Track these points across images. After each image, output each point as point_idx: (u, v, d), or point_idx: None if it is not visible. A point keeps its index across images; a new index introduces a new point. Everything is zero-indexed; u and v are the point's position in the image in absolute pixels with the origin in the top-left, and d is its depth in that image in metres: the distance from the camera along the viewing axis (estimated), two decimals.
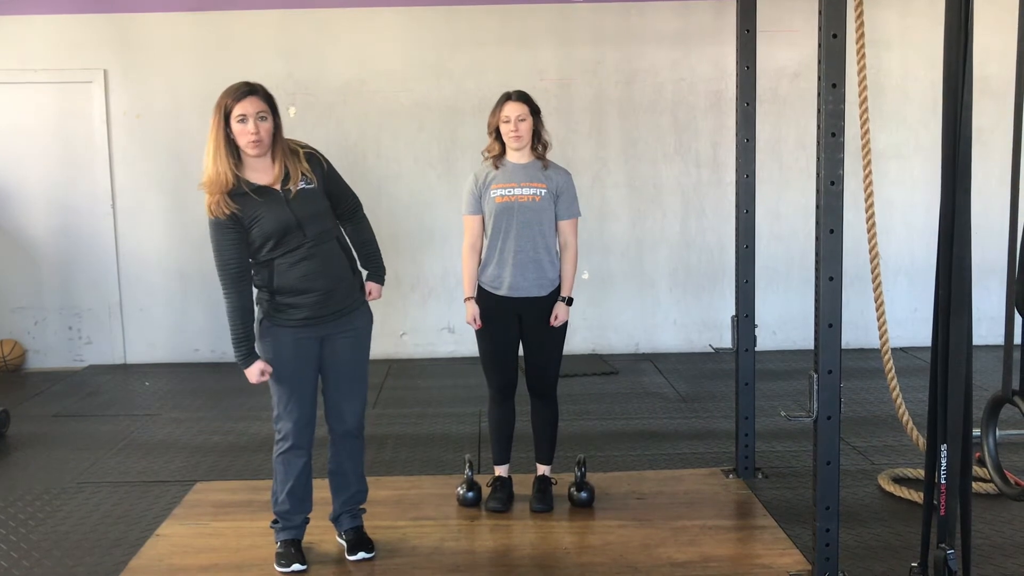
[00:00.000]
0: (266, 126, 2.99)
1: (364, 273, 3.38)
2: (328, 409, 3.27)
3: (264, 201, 3.01)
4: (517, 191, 3.57)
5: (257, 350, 3.10)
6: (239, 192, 3.00)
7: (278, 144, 3.06)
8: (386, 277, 3.47)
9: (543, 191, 3.58)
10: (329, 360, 3.19)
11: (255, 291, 3.12)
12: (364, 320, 3.27)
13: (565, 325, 3.69)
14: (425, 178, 6.62)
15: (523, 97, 3.59)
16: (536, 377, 3.73)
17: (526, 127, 3.56)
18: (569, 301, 3.67)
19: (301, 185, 3.06)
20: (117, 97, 6.52)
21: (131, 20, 6.47)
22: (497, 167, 3.63)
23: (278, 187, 3.03)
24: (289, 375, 3.13)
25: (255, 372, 3.08)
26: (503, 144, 3.61)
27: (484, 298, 3.66)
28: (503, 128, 3.57)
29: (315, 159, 3.18)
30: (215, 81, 6.60)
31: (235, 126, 2.98)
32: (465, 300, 3.69)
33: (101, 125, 6.53)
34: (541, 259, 3.60)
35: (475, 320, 3.65)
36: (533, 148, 3.64)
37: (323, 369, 3.20)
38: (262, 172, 3.06)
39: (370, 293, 3.38)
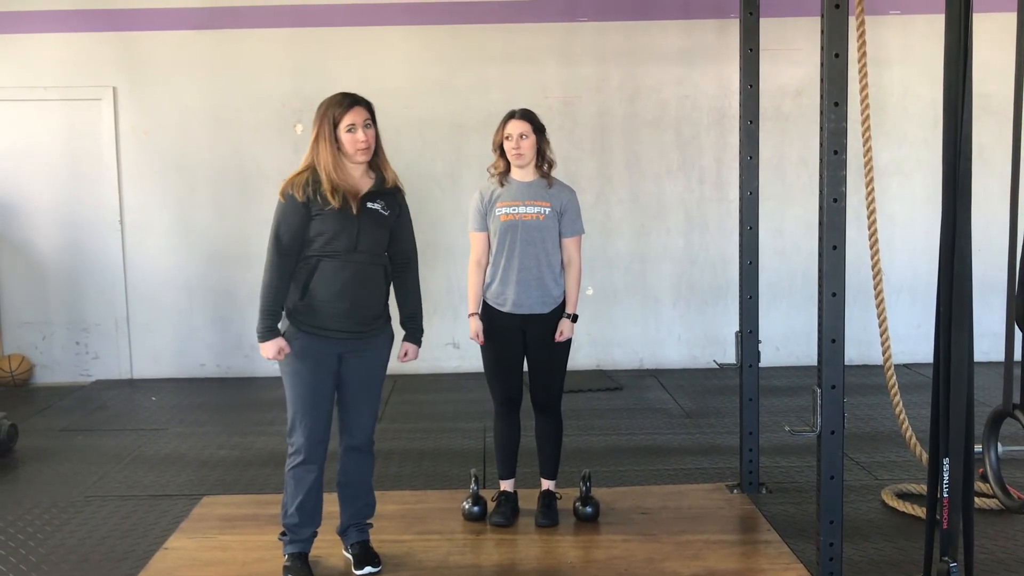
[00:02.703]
0: (372, 132, 3.15)
1: (401, 333, 3.39)
2: (340, 423, 3.29)
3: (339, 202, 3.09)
4: (522, 209, 3.61)
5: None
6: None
7: (379, 152, 3.22)
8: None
9: (547, 209, 3.62)
10: (346, 376, 3.21)
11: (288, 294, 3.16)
12: (385, 342, 3.30)
13: (569, 341, 3.72)
14: (430, 194, 6.66)
15: (526, 115, 3.62)
16: (540, 393, 3.75)
17: (528, 145, 3.60)
18: (574, 318, 3.70)
19: (377, 206, 3.16)
20: (126, 114, 6.58)
21: (140, 38, 6.54)
22: (502, 184, 3.66)
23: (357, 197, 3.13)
24: (308, 385, 3.15)
25: (273, 347, 3.11)
26: (508, 161, 3.65)
27: (489, 313, 3.69)
28: (506, 145, 3.61)
29: (400, 195, 3.32)
30: (223, 98, 6.75)
31: (344, 136, 3.10)
32: (469, 316, 3.72)
33: (110, 142, 6.59)
34: (545, 277, 3.63)
35: (478, 336, 3.68)
36: (538, 166, 3.67)
37: (339, 385, 3.23)
38: (357, 178, 3.18)
39: (406, 354, 3.40)
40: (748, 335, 4.09)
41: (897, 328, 6.46)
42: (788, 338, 6.70)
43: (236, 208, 6.64)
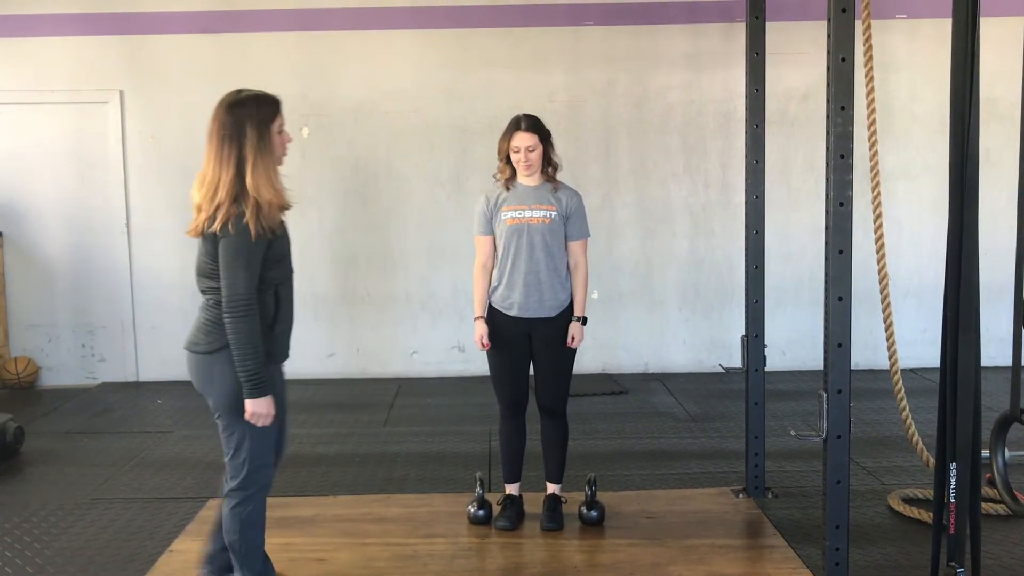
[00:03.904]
0: None
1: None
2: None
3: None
4: (528, 213, 3.61)
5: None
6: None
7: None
8: (395, 295, 3.43)
9: (553, 213, 3.62)
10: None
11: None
12: None
13: (572, 352, 3.72)
14: (435, 198, 6.67)
15: (533, 126, 3.60)
16: (546, 396, 3.75)
17: (536, 155, 3.59)
18: (583, 320, 3.70)
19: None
20: (132, 117, 6.60)
21: (147, 41, 6.56)
22: (508, 188, 3.66)
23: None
24: (276, 421, 2.90)
25: (269, 405, 2.78)
26: (514, 168, 3.65)
27: (494, 317, 3.69)
28: (513, 156, 3.60)
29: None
30: None
31: (276, 138, 2.80)
32: (475, 319, 3.72)
33: (116, 145, 6.61)
34: (551, 280, 3.63)
35: (483, 340, 3.68)
36: (543, 171, 3.67)
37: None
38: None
39: None
40: (754, 339, 4.08)
41: (903, 332, 6.42)
42: (794, 342, 6.68)
43: None
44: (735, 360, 4.40)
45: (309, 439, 5.21)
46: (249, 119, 2.72)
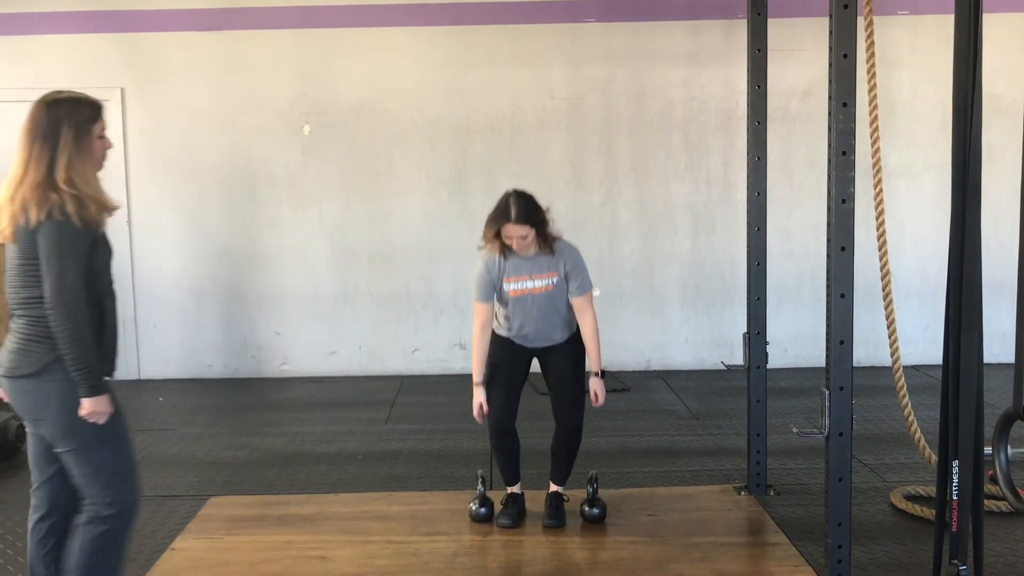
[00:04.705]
0: None
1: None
2: (63, 488, 2.83)
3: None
4: (530, 284, 3.61)
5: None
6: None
7: None
8: (396, 293, 3.39)
9: (555, 279, 3.61)
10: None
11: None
12: None
13: (583, 361, 3.73)
14: (436, 196, 6.66)
15: (524, 217, 3.45)
16: (567, 412, 3.73)
17: (530, 240, 3.52)
18: (602, 374, 3.71)
19: None
20: (133, 115, 6.60)
21: (147, 39, 6.55)
22: (506, 257, 3.59)
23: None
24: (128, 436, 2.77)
25: (108, 403, 2.61)
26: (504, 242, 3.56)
27: (499, 337, 3.74)
28: (505, 239, 3.53)
29: None
30: (230, 100, 6.76)
31: (97, 142, 2.66)
32: (474, 385, 3.70)
33: (117, 142, 6.59)
34: (558, 323, 3.69)
35: (483, 408, 3.68)
36: (539, 244, 3.58)
37: None
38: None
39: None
40: (756, 336, 4.08)
41: (906, 330, 6.43)
42: (796, 339, 6.68)
43: (243, 209, 6.65)
44: (737, 357, 4.40)
45: (310, 437, 5.21)
46: (66, 119, 2.59)
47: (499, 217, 3.48)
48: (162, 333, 6.77)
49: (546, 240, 3.57)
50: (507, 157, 6.59)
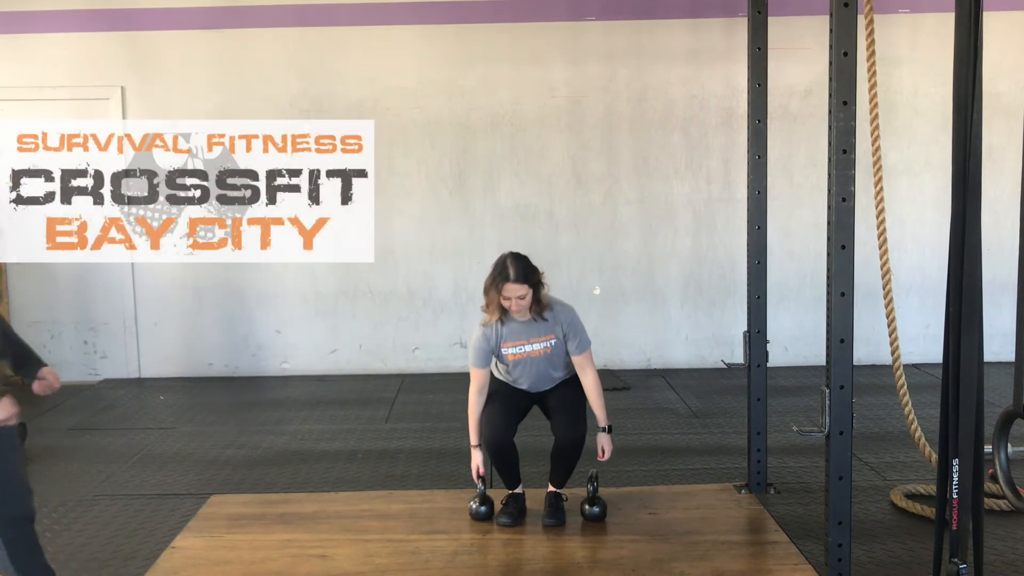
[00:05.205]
0: None
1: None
2: None
3: None
4: (528, 348, 3.68)
5: None
6: None
7: None
8: (397, 292, 3.42)
9: (553, 341, 3.69)
10: None
11: None
12: None
13: (578, 383, 3.77)
14: (437, 194, 6.65)
15: (522, 276, 3.54)
16: (569, 432, 3.72)
17: (527, 301, 3.59)
18: (609, 429, 3.77)
19: None
20: (134, 113, 6.59)
21: (148, 37, 6.55)
22: (503, 323, 3.67)
23: None
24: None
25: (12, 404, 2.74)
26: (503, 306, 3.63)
27: (498, 379, 3.83)
28: (503, 303, 3.59)
29: None
30: (231, 98, 6.75)
31: None
32: (472, 448, 3.76)
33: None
34: (559, 370, 3.78)
35: (480, 470, 3.74)
36: (531, 310, 3.65)
37: None
38: None
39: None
40: (756, 335, 4.08)
41: (906, 328, 6.43)
42: (796, 338, 6.68)
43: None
44: (737, 356, 4.40)
45: (311, 435, 5.21)
46: None
47: (498, 277, 3.57)
48: (163, 332, 6.77)
49: (539, 304, 3.63)
50: (508, 155, 6.59)
